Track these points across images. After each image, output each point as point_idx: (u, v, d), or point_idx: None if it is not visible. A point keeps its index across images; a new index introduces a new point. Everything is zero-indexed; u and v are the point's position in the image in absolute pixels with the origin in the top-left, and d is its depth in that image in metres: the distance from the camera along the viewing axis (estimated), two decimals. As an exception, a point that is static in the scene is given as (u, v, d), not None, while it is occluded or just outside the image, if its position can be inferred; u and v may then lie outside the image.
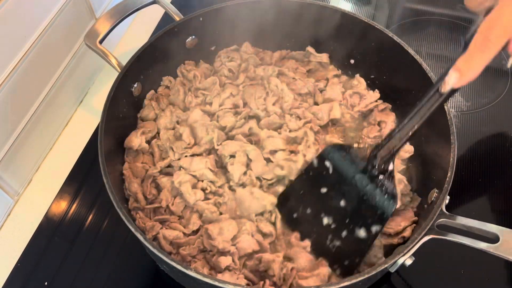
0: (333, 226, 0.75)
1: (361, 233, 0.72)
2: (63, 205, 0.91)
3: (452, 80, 0.60)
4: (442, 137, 0.76)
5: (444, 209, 0.68)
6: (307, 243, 0.76)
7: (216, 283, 0.60)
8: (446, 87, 0.62)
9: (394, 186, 0.71)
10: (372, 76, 0.99)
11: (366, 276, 0.61)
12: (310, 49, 1.02)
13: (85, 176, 0.95)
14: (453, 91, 0.62)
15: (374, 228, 0.71)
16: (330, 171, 0.76)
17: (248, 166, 0.84)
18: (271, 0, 0.95)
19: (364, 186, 0.73)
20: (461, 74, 0.59)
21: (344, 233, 0.73)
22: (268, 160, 0.84)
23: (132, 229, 0.65)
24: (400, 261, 0.65)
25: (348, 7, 1.30)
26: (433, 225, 0.66)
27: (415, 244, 0.64)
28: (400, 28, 1.22)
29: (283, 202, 0.80)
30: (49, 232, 0.87)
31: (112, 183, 0.71)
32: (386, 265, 0.63)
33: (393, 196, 0.70)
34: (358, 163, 0.74)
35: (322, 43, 1.01)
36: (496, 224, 0.63)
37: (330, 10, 0.95)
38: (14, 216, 0.91)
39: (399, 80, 0.92)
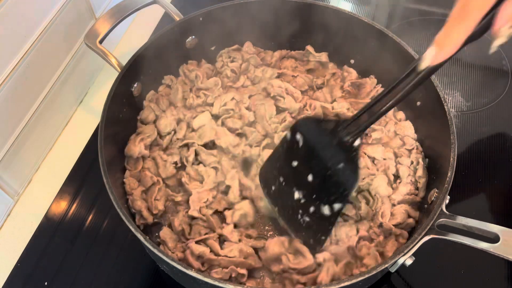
0: (302, 201, 0.72)
1: (326, 210, 0.69)
2: (63, 205, 0.91)
3: (429, 55, 0.55)
4: (442, 137, 0.76)
5: (444, 209, 0.68)
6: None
7: (216, 283, 0.60)
8: (423, 63, 0.57)
9: (357, 164, 0.68)
10: (372, 76, 0.99)
11: (366, 276, 0.61)
12: (309, 48, 1.02)
13: (85, 176, 0.95)
14: (431, 70, 0.58)
15: (337, 206, 0.68)
16: (300, 144, 0.73)
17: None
18: (271, 0, 0.95)
19: (329, 161, 0.69)
20: (439, 47, 0.54)
21: (311, 209, 0.71)
22: None
23: (133, 229, 0.65)
24: (400, 261, 0.65)
25: (348, 7, 1.30)
26: (433, 225, 0.66)
27: (415, 244, 0.64)
28: (400, 28, 1.22)
29: (263, 175, 0.79)
30: (49, 232, 0.87)
31: (112, 183, 0.71)
32: (386, 265, 0.63)
33: (355, 173, 0.67)
34: (327, 137, 0.70)
35: (322, 42, 1.01)
36: (496, 224, 0.63)
37: (330, 10, 0.95)
38: (14, 216, 0.91)
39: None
